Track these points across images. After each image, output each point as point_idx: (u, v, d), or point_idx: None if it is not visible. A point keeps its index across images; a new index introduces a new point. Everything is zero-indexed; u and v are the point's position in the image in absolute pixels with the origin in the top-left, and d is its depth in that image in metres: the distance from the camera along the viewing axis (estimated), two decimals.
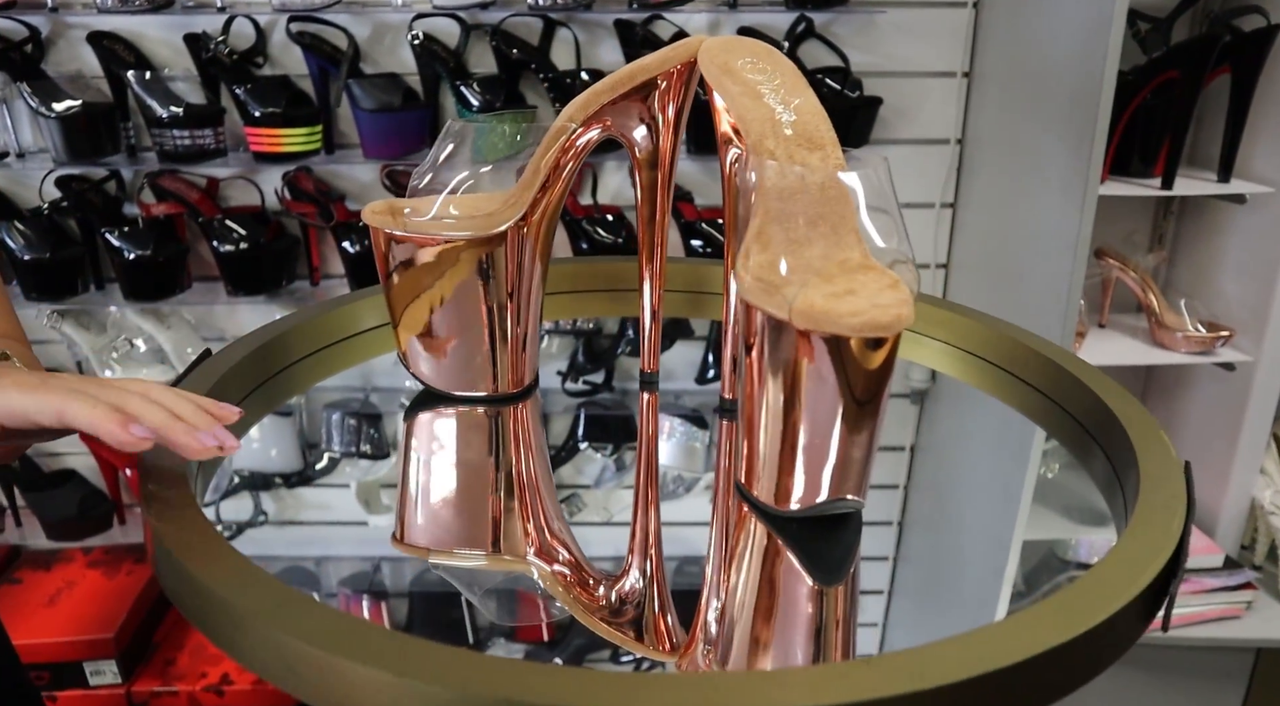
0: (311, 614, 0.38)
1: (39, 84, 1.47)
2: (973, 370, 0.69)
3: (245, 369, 0.64)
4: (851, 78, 1.53)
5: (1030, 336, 0.66)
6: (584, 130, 0.61)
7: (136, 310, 1.59)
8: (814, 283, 0.45)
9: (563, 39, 1.53)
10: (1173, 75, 1.41)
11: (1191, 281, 1.62)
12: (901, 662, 0.35)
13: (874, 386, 0.46)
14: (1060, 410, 0.62)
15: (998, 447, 0.70)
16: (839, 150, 0.50)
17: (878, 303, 0.43)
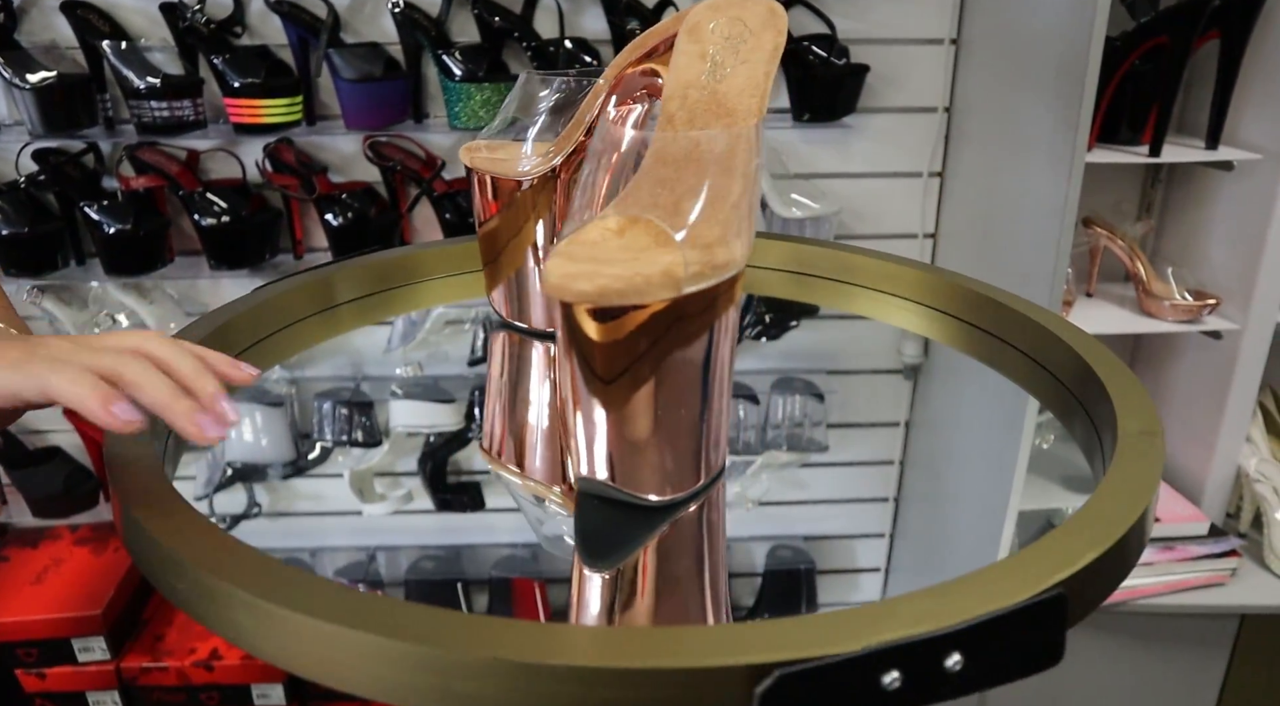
0: (274, 573, 0.37)
1: (12, 54, 1.44)
2: (959, 335, 0.68)
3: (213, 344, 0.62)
4: (838, 45, 1.52)
5: (1011, 297, 0.65)
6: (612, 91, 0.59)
7: (118, 285, 1.57)
8: (585, 249, 0.42)
9: (546, 7, 1.51)
10: (1161, 40, 1.40)
11: (1179, 250, 1.62)
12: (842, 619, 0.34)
13: (614, 363, 0.41)
14: (1044, 371, 0.62)
15: (992, 420, 0.70)
16: (754, 119, 0.46)
17: (620, 273, 0.40)
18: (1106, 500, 0.41)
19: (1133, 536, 0.40)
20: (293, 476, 0.74)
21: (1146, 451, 0.44)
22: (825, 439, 0.68)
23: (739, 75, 0.47)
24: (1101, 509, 0.41)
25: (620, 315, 0.40)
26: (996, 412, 0.70)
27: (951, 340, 0.68)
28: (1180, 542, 1.50)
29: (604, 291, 0.40)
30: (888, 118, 1.63)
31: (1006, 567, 0.37)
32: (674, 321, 0.41)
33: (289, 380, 0.80)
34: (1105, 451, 0.48)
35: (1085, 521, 0.40)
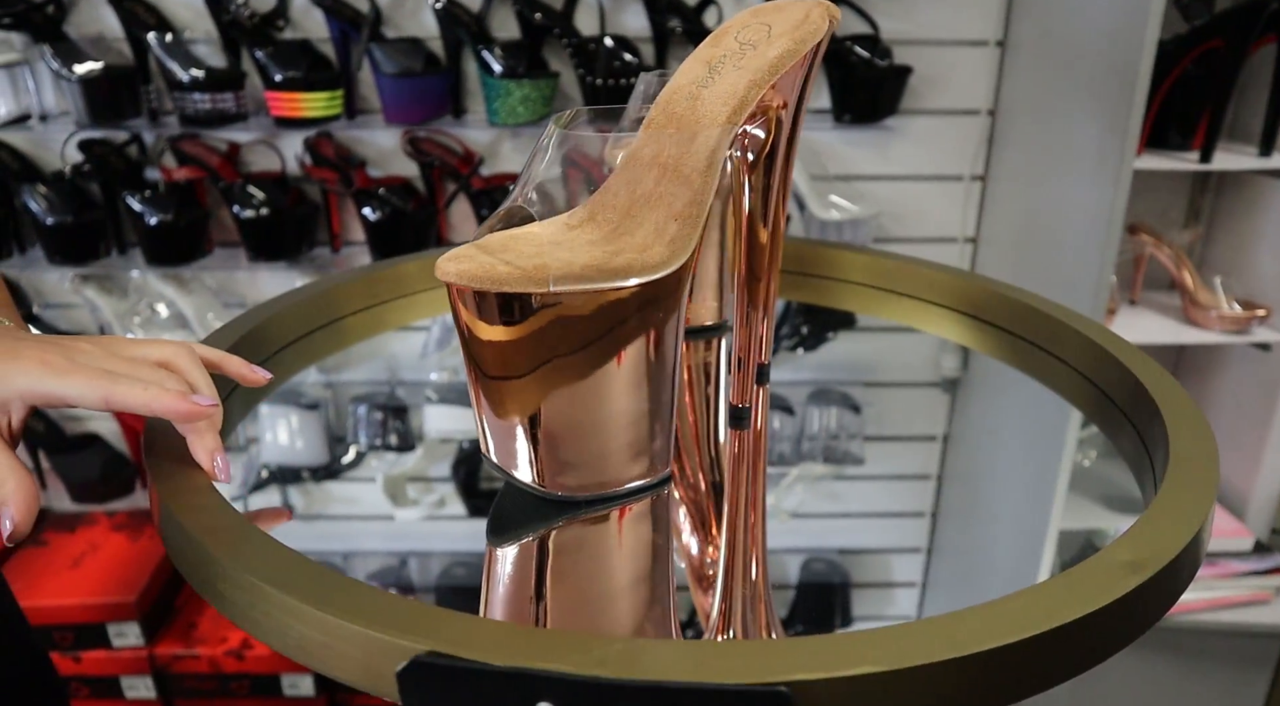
0: (303, 572, 0.37)
1: (60, 46, 1.45)
2: (1002, 345, 0.67)
3: (251, 342, 0.62)
4: (881, 45, 1.49)
5: (1061, 309, 0.63)
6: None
7: (158, 275, 1.59)
8: (509, 239, 0.43)
9: (587, 4, 1.50)
10: (1216, 44, 1.37)
11: (1228, 258, 1.58)
12: (901, 635, 0.33)
13: (484, 350, 0.43)
14: (1091, 385, 0.60)
15: (1032, 436, 0.68)
16: (710, 131, 0.43)
17: (496, 262, 0.41)
18: (1155, 524, 0.40)
19: (1183, 562, 0.38)
20: (327, 479, 0.74)
21: (1200, 478, 0.43)
22: (861, 452, 0.66)
23: (724, 83, 0.45)
24: (1149, 533, 0.39)
25: (484, 302, 0.41)
26: (1036, 428, 0.68)
27: (994, 350, 0.67)
28: (1223, 558, 1.47)
29: (462, 274, 0.41)
30: (930, 120, 1.61)
31: (1012, 604, 0.35)
32: (558, 319, 0.41)
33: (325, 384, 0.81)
34: (1156, 473, 0.47)
35: (1129, 547, 0.38)
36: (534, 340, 0.42)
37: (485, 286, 0.41)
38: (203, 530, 0.40)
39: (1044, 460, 0.65)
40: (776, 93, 0.47)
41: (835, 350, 0.69)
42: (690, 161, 0.43)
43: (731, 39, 0.46)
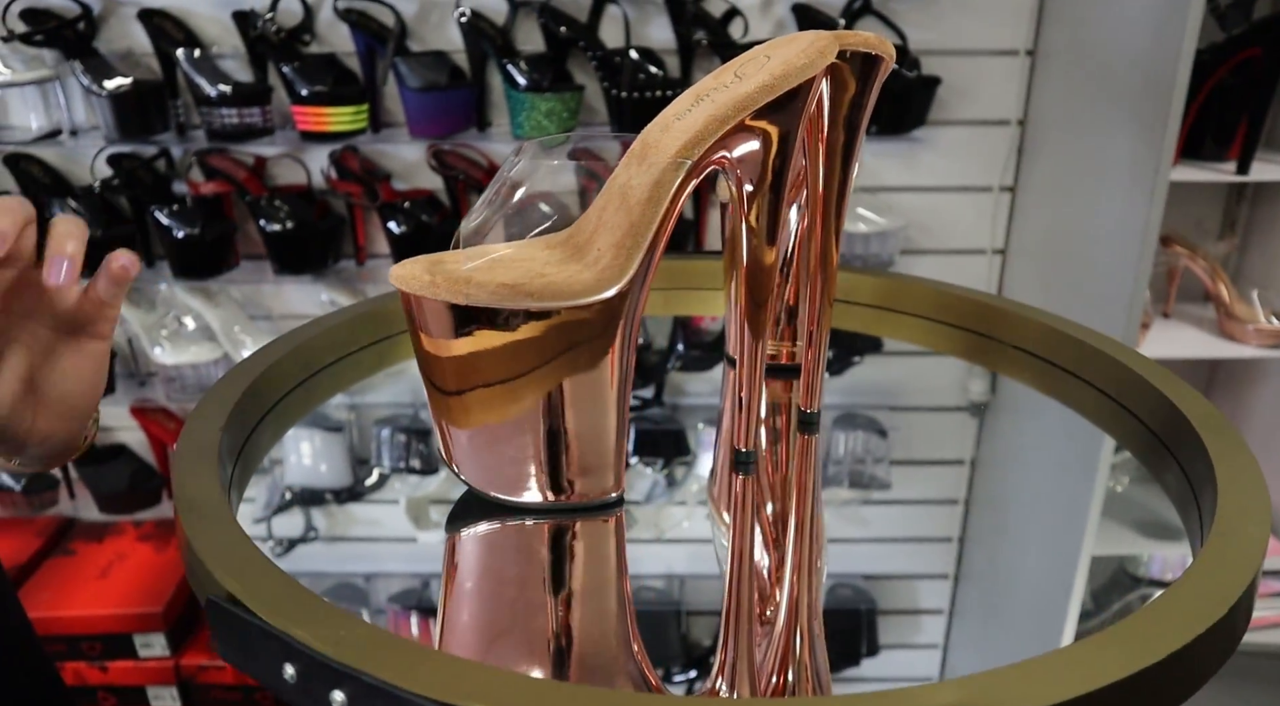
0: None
1: (91, 62, 1.47)
2: (1033, 372, 0.65)
3: (277, 374, 0.62)
4: (909, 57, 1.48)
5: (1096, 336, 0.62)
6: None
7: (185, 287, 1.60)
8: (473, 254, 0.47)
9: (612, 16, 1.50)
10: (1254, 53, 1.34)
11: (1265, 270, 1.55)
12: (955, 690, 0.33)
13: (423, 352, 0.47)
14: (1130, 416, 0.58)
15: (1063, 461, 0.67)
16: (655, 163, 0.43)
17: (431, 270, 0.45)
18: (1203, 580, 0.39)
19: (1239, 610, 0.37)
20: (350, 501, 0.74)
21: (1251, 522, 0.42)
22: (888, 476, 0.65)
23: (694, 115, 0.44)
24: (1197, 589, 0.38)
25: (418, 308, 0.45)
26: (1067, 452, 0.66)
27: (1028, 378, 0.65)
28: (1266, 577, 1.43)
29: (394, 275, 0.45)
30: (959, 130, 1.59)
31: (1075, 655, 0.35)
32: (480, 332, 0.45)
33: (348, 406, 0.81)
34: (1204, 517, 0.46)
35: (1177, 602, 0.37)
36: (459, 349, 0.45)
37: (408, 288, 0.45)
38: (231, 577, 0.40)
39: (1075, 485, 0.63)
40: (775, 124, 0.45)
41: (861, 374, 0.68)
42: (635, 192, 0.44)
43: (731, 71, 0.46)
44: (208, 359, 1.60)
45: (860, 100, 0.52)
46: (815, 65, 0.45)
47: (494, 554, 0.51)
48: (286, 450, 0.73)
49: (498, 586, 0.48)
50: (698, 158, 0.44)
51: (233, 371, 0.59)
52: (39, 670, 0.68)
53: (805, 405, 0.59)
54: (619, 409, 0.48)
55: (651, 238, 0.44)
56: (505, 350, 0.45)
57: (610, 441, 0.49)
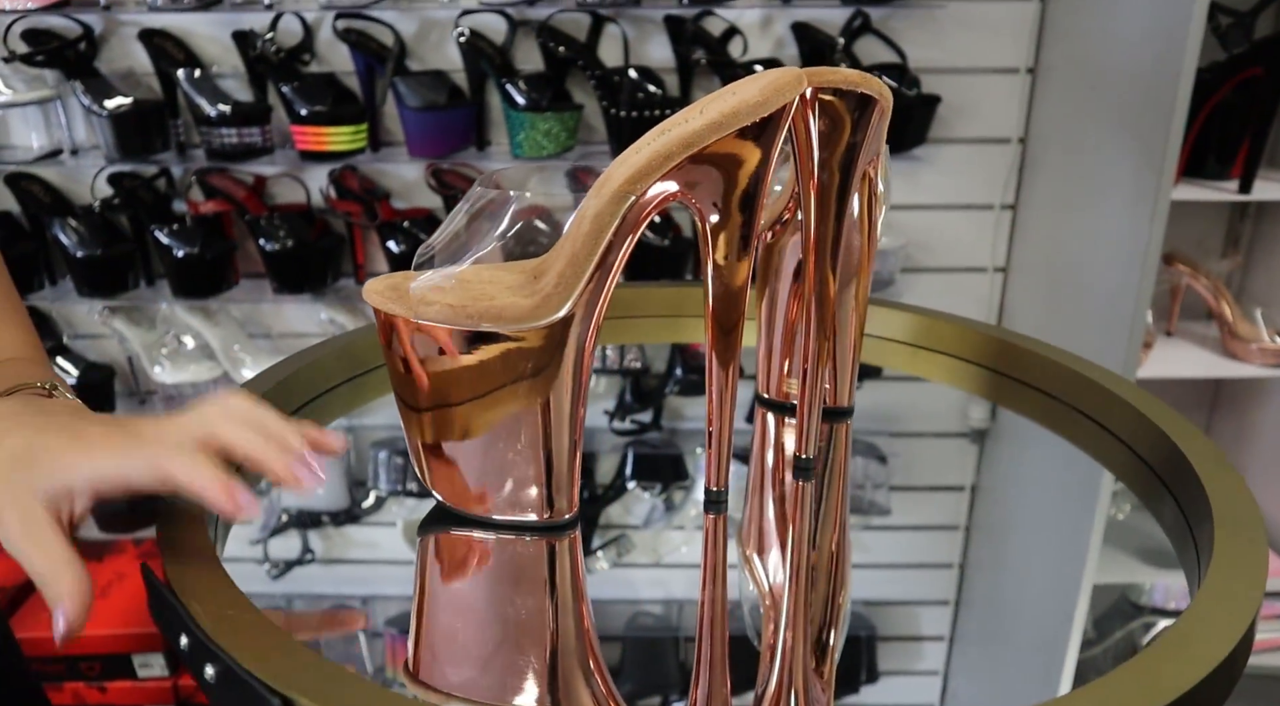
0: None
1: (92, 82, 1.47)
2: (1033, 404, 0.65)
3: (273, 399, 0.62)
4: (909, 75, 1.48)
5: (1096, 369, 0.61)
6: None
7: (185, 306, 1.60)
8: (443, 275, 0.49)
9: (611, 35, 1.50)
10: (1255, 72, 1.34)
11: (1268, 289, 1.54)
12: None
13: (391, 362, 0.49)
14: (1128, 450, 0.58)
15: (1064, 488, 0.66)
16: (598, 196, 0.44)
17: (395, 288, 0.48)
18: (1201, 622, 0.38)
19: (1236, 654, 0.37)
20: (347, 524, 0.73)
21: (1249, 565, 0.41)
22: (888, 502, 0.65)
23: (644, 150, 0.44)
24: (1195, 631, 0.38)
25: (382, 322, 0.48)
26: (1068, 480, 0.66)
27: (1028, 410, 0.65)
28: (1269, 598, 1.42)
29: (366, 288, 0.49)
30: (959, 148, 1.59)
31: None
32: (429, 350, 0.47)
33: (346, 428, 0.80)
34: (1200, 556, 0.45)
35: (1173, 649, 0.37)
36: (415, 365, 0.48)
37: (374, 303, 0.48)
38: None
39: (1076, 512, 0.62)
40: (736, 159, 0.45)
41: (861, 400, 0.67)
42: (581, 223, 0.44)
43: (699, 106, 0.45)
44: (207, 378, 1.60)
45: (855, 140, 0.51)
46: (770, 103, 0.44)
47: (453, 562, 0.53)
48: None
49: (456, 594, 0.50)
50: (640, 192, 0.44)
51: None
52: (27, 694, 0.67)
53: (799, 449, 0.58)
54: (570, 433, 0.49)
55: (593, 269, 0.44)
56: (456, 370, 0.47)
57: (564, 464, 0.50)
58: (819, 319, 0.55)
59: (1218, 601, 0.39)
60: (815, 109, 0.50)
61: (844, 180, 0.52)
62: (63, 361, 1.61)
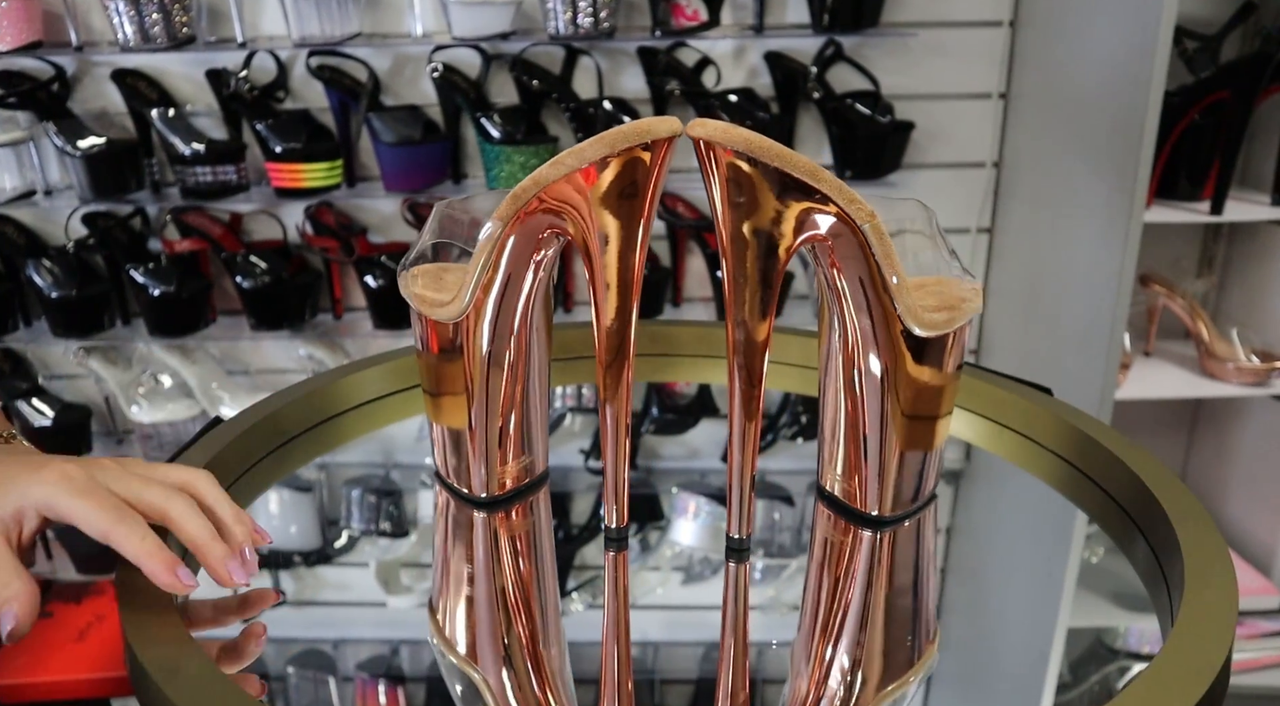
0: None
1: (64, 123, 1.47)
2: (1007, 444, 0.65)
3: (249, 441, 0.62)
4: (882, 102, 1.49)
5: (1070, 409, 0.61)
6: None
7: (162, 345, 1.59)
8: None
9: (585, 67, 1.51)
10: (1223, 95, 1.35)
11: (1244, 308, 1.55)
12: None
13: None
14: (1101, 491, 0.58)
15: (1038, 531, 0.66)
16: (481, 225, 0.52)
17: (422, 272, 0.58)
18: (1173, 667, 0.38)
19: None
20: (319, 563, 0.72)
21: (1218, 610, 0.41)
22: (794, 545, 0.65)
23: (520, 184, 0.51)
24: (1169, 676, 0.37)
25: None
26: (1043, 522, 0.66)
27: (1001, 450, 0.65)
28: (1248, 617, 1.42)
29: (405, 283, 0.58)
30: (934, 173, 1.60)
31: None
32: (415, 331, 0.58)
33: (318, 466, 0.79)
34: (1172, 599, 0.45)
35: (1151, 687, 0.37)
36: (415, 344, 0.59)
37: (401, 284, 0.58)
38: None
39: (1051, 555, 0.62)
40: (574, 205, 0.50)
41: None
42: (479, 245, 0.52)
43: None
44: (185, 416, 1.59)
45: (776, 219, 0.48)
46: (589, 156, 0.47)
47: (453, 532, 0.61)
48: (255, 510, 0.72)
49: (454, 560, 0.59)
50: (507, 220, 0.51)
51: (201, 443, 0.60)
52: None
53: (729, 528, 0.55)
54: (505, 411, 0.57)
55: (474, 281, 0.52)
56: (429, 352, 0.57)
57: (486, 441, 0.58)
58: (746, 382, 0.51)
59: (1192, 641, 0.40)
60: (717, 167, 0.47)
61: (765, 257, 0.49)
62: (38, 402, 1.59)
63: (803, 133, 1.55)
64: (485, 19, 1.40)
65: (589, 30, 1.41)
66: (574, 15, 1.40)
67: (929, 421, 0.55)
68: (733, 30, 1.49)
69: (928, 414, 0.54)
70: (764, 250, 0.49)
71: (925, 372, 0.53)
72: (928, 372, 0.53)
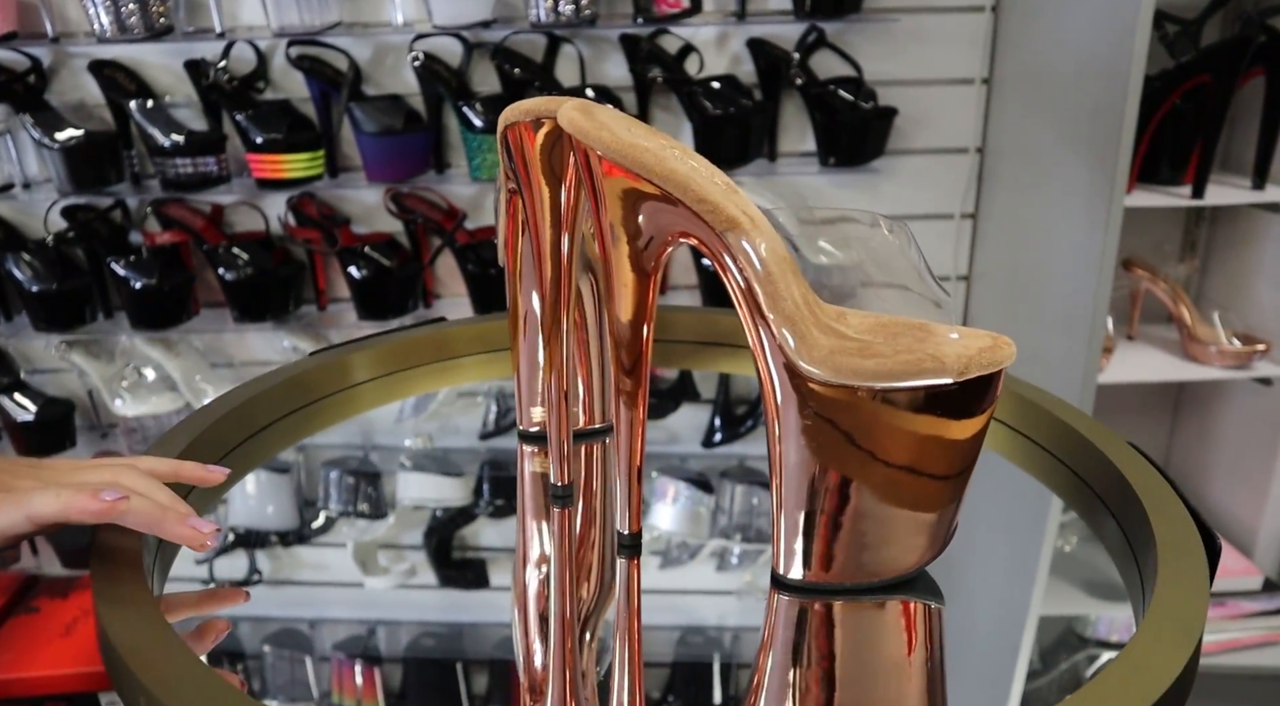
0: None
1: (41, 115, 1.46)
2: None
3: (227, 426, 0.62)
4: (865, 88, 1.48)
5: (1040, 393, 0.62)
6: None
7: (145, 338, 1.58)
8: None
9: (567, 55, 1.50)
10: (1203, 79, 1.35)
11: (1225, 292, 1.56)
12: None
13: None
14: (1073, 475, 0.58)
15: (1011, 520, 0.66)
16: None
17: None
18: (1145, 652, 0.39)
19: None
20: (296, 544, 0.72)
21: (1189, 593, 0.42)
22: (705, 535, 0.65)
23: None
24: (1138, 663, 0.38)
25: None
26: (1018, 511, 0.66)
27: None
28: (1232, 598, 1.43)
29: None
30: (918, 159, 1.60)
31: None
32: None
33: (296, 447, 0.79)
34: (1144, 581, 0.45)
35: (1119, 677, 0.37)
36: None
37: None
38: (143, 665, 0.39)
39: (1024, 544, 0.62)
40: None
41: None
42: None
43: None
44: (169, 409, 1.58)
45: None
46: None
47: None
48: (231, 490, 0.72)
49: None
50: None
51: (176, 428, 0.60)
52: None
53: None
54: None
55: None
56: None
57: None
58: (624, 370, 0.49)
59: (1165, 623, 0.40)
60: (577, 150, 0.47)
61: (636, 247, 0.47)
62: (21, 397, 1.59)
63: (786, 119, 1.55)
64: (466, 7, 1.39)
65: (570, 18, 1.40)
66: (555, 3, 1.39)
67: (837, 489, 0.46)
68: (715, 17, 1.48)
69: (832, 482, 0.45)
70: (632, 240, 0.46)
71: (825, 430, 0.44)
72: (839, 430, 0.44)
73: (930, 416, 0.44)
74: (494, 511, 0.75)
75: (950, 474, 0.47)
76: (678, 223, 0.44)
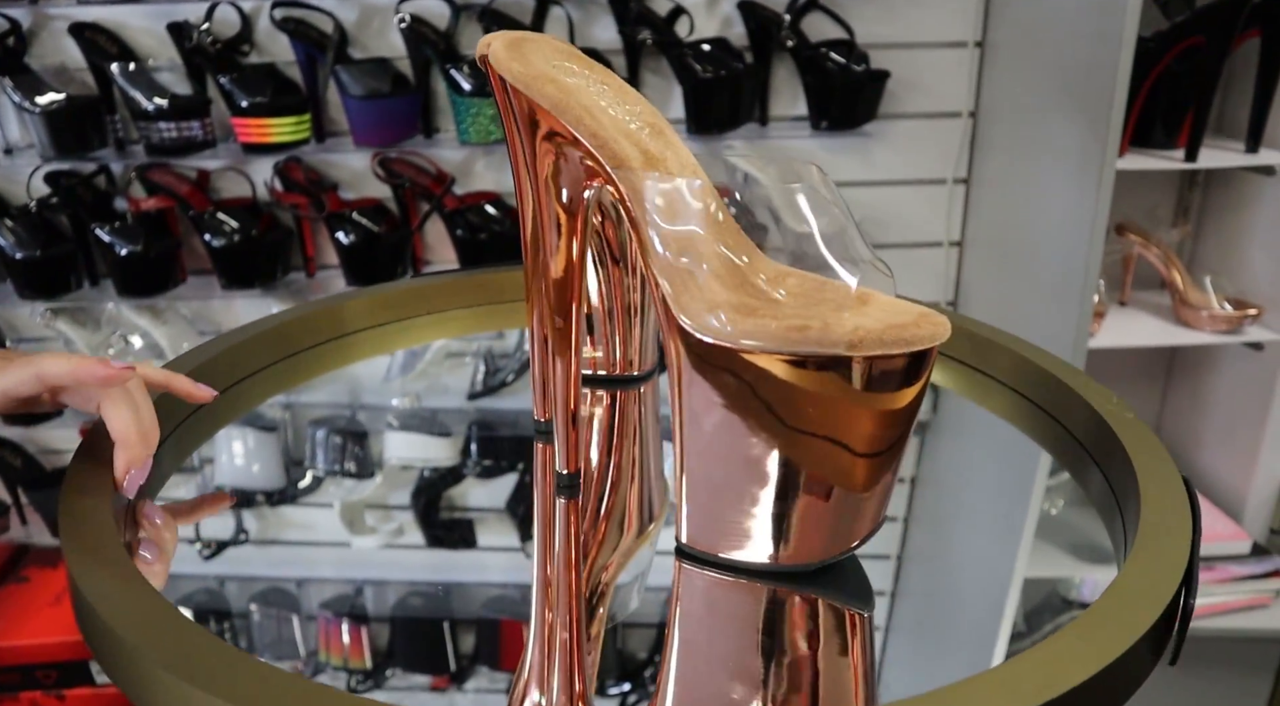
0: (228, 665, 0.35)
1: (22, 78, 1.43)
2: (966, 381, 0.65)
3: (210, 371, 0.61)
4: (857, 51, 1.47)
5: (1027, 345, 0.61)
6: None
7: (131, 306, 1.57)
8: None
9: (556, 18, 1.48)
10: (1197, 41, 1.34)
11: (1218, 257, 1.55)
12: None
13: None
14: (1059, 425, 0.58)
15: (1000, 482, 0.66)
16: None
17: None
18: (1125, 594, 0.39)
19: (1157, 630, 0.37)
20: (282, 504, 0.72)
21: (1172, 541, 0.42)
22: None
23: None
24: (1120, 603, 0.38)
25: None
26: (1006, 474, 0.66)
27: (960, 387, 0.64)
28: (1220, 562, 1.44)
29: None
30: (911, 123, 1.58)
31: (1003, 677, 0.34)
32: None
33: (283, 405, 0.79)
34: (1128, 528, 0.45)
35: (1103, 617, 0.37)
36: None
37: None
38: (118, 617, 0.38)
39: (1012, 506, 0.63)
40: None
41: None
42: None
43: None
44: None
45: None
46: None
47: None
48: (218, 449, 0.71)
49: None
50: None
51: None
52: None
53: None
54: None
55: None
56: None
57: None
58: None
59: (1146, 571, 0.40)
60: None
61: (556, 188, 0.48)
62: None
63: (777, 83, 1.53)
64: None
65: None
66: None
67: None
68: None
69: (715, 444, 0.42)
70: (553, 177, 0.46)
71: (709, 391, 0.41)
72: (718, 390, 0.41)
73: (823, 390, 0.39)
74: (481, 471, 0.75)
75: (861, 454, 0.41)
76: (584, 160, 0.44)
